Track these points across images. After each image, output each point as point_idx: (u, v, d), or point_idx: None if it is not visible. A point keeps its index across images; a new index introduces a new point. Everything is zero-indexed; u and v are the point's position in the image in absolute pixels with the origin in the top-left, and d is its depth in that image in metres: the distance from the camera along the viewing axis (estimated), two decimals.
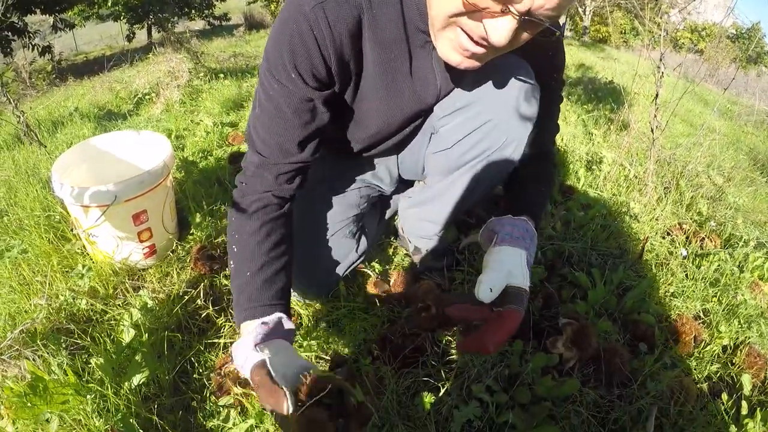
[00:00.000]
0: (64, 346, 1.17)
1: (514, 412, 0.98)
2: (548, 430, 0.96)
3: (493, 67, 0.91)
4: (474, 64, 0.81)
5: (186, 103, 3.02)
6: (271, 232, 0.96)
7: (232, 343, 1.17)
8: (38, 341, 1.14)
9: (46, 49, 4.41)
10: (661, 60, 1.98)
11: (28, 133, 2.36)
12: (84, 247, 1.48)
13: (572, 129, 2.33)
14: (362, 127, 1.07)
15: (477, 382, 1.02)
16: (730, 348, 1.29)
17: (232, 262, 0.96)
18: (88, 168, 1.53)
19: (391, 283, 1.26)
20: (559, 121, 1.21)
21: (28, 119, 2.37)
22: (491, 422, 0.99)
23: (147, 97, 3.30)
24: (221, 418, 1.02)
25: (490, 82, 1.02)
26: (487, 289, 0.89)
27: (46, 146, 2.34)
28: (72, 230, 1.54)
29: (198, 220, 1.52)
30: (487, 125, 1.04)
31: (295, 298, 1.24)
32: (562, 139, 2.34)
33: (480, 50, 0.76)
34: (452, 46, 0.79)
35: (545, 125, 1.13)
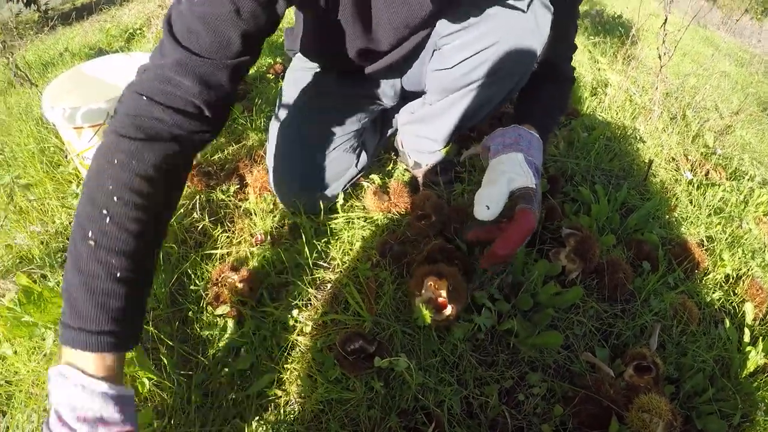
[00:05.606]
0: (58, 263, 1.15)
1: (517, 319, 0.97)
2: (552, 337, 0.95)
3: None
4: None
5: None
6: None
7: (228, 254, 1.15)
8: (35, 264, 1.13)
9: (32, 0, 4.22)
10: None
11: (18, 74, 2.29)
12: (77, 170, 1.44)
13: (579, 57, 2.23)
14: (355, 39, 0.99)
15: (480, 290, 1.01)
16: (733, 278, 1.27)
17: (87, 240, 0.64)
18: (78, 94, 1.48)
19: (390, 195, 1.23)
20: None
21: (17, 61, 2.29)
22: (493, 330, 0.98)
23: (138, 32, 3.17)
24: (218, 328, 1.01)
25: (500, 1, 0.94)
26: (483, 207, 0.85)
27: (37, 85, 2.28)
28: (66, 157, 1.50)
29: None
30: (493, 48, 0.97)
31: (291, 210, 1.22)
32: None
33: None
34: None
35: (561, 43, 1.07)
